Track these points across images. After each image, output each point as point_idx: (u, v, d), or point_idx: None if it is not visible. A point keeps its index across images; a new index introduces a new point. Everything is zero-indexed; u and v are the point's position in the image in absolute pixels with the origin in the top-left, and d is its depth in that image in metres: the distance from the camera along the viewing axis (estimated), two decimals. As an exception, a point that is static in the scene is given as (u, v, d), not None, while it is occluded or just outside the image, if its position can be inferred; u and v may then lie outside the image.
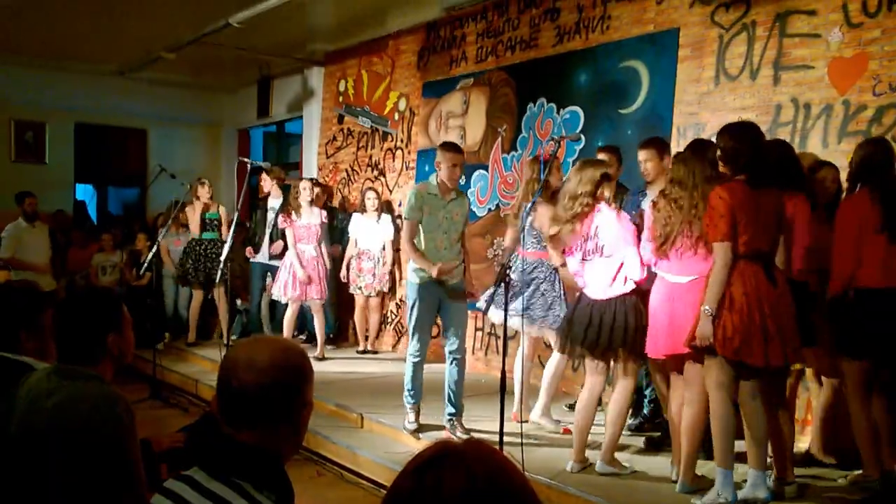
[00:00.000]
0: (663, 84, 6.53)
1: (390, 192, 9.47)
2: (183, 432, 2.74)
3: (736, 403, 4.23)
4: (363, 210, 8.83)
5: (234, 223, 7.86)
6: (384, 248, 8.80)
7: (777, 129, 5.70)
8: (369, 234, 8.76)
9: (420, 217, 5.50)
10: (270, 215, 8.93)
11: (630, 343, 4.63)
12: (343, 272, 8.89)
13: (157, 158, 12.65)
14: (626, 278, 4.64)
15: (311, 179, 9.12)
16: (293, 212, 8.21)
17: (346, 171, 10.31)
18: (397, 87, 9.61)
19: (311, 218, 8.29)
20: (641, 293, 4.65)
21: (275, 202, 8.96)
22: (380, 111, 9.87)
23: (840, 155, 5.12)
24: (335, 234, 9.27)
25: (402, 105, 9.51)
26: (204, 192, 8.93)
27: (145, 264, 8.96)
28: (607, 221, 4.67)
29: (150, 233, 10.22)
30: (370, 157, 9.94)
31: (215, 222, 8.93)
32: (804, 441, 5.20)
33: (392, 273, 8.98)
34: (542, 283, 5.74)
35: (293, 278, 8.15)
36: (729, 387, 4.17)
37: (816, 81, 5.54)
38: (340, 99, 10.58)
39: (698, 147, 4.48)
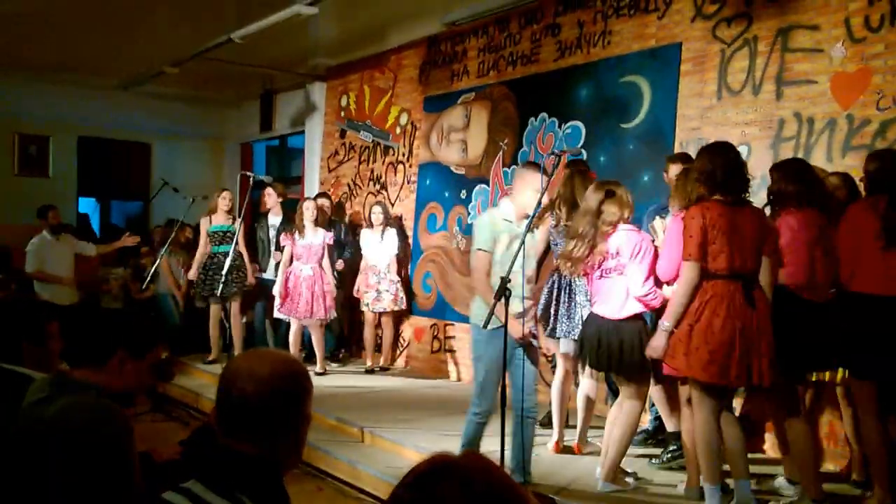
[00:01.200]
0: (665, 99, 6.48)
1: (392, 205, 9.42)
2: (182, 445, 2.71)
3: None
4: (370, 225, 8.74)
5: (236, 237, 7.90)
6: (389, 264, 8.64)
7: (780, 144, 5.65)
8: (375, 249, 8.60)
9: (492, 248, 4.67)
10: (272, 232, 8.85)
11: (639, 365, 4.55)
12: (356, 287, 8.72)
13: (161, 172, 12.65)
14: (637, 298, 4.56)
15: (317, 195, 9.05)
16: (297, 231, 8.10)
17: (349, 184, 10.26)
18: (399, 102, 9.58)
19: (313, 238, 8.17)
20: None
21: (275, 219, 8.89)
22: (381, 125, 9.84)
23: (844, 170, 5.05)
24: (337, 248, 9.14)
25: (404, 119, 9.47)
26: (224, 204, 8.63)
27: (148, 278, 8.94)
28: (628, 240, 4.58)
29: (151, 246, 10.16)
30: (372, 171, 9.90)
31: (229, 234, 8.50)
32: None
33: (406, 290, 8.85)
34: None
35: (294, 295, 8.06)
36: (711, 405, 4.14)
37: (819, 96, 5.50)
38: (342, 113, 10.55)
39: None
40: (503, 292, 4.22)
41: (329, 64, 10.76)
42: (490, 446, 4.48)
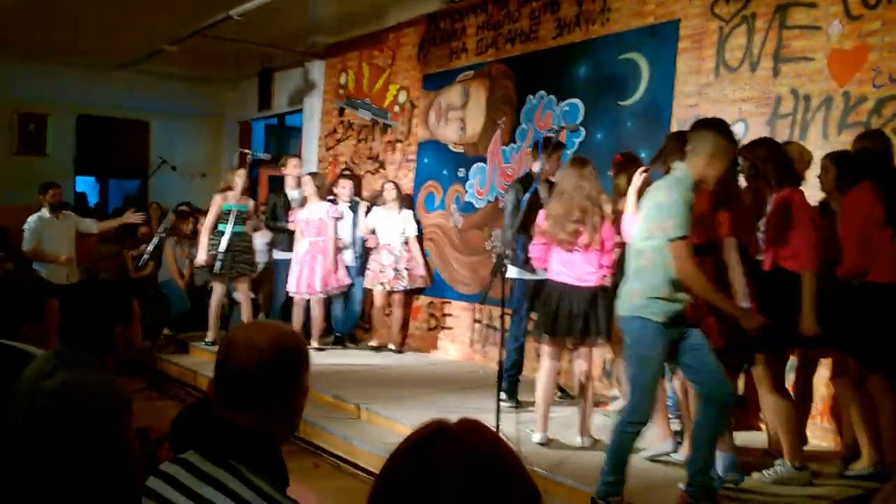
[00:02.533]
0: (663, 76, 6.46)
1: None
2: (173, 423, 2.75)
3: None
4: (382, 202, 8.52)
5: (231, 219, 7.88)
6: (406, 243, 8.40)
7: (777, 121, 5.65)
8: (389, 227, 8.37)
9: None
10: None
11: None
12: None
13: (159, 151, 12.67)
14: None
15: (311, 174, 8.92)
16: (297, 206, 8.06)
17: (346, 163, 10.25)
18: (397, 80, 9.55)
19: (314, 212, 8.08)
20: None
21: (294, 193, 8.70)
22: (380, 103, 9.81)
23: (840, 146, 5.04)
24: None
25: (402, 97, 9.45)
26: (240, 183, 8.28)
27: (146, 255, 8.94)
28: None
29: (148, 224, 10.17)
30: (370, 150, 9.88)
31: (244, 215, 8.25)
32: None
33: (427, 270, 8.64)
34: None
35: (304, 272, 8.02)
36: None
37: (816, 73, 5.48)
38: (341, 91, 10.53)
39: None
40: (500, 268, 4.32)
41: (328, 42, 10.71)
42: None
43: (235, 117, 13.50)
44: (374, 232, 8.43)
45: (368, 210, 8.61)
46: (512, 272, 6.08)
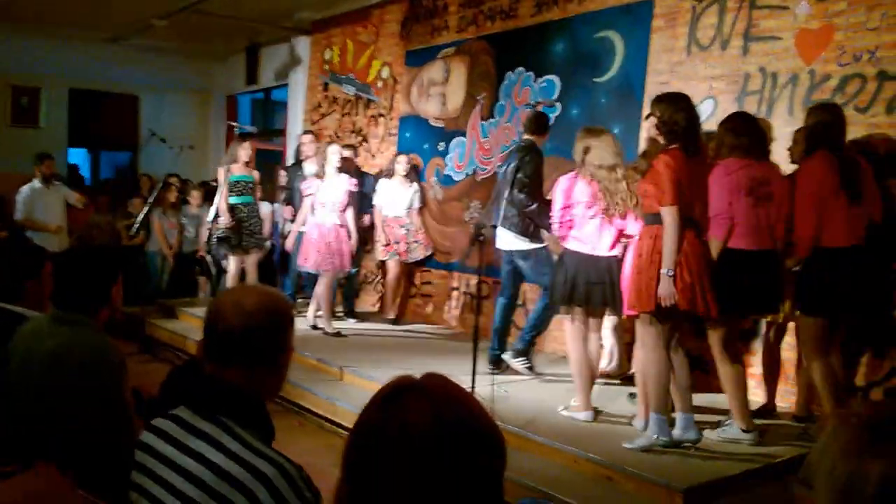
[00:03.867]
0: (637, 54, 6.44)
1: (373, 157, 9.36)
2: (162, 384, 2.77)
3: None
4: (390, 175, 8.23)
5: (219, 189, 7.77)
6: (410, 215, 8.17)
7: (745, 98, 5.65)
8: (398, 200, 8.09)
9: None
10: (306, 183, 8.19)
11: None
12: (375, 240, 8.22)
13: (149, 123, 12.59)
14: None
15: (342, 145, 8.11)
16: (318, 178, 7.37)
17: (331, 137, 10.17)
18: (381, 56, 9.46)
19: (336, 185, 7.34)
20: None
21: (312, 168, 8.12)
22: (364, 79, 9.73)
23: (804, 123, 5.05)
24: (362, 201, 8.31)
25: (386, 73, 9.37)
26: (244, 155, 7.88)
27: (136, 224, 8.89)
28: None
29: (140, 194, 10.11)
30: (354, 124, 9.82)
31: (250, 185, 7.92)
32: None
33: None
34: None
35: (318, 247, 7.29)
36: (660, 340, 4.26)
37: (784, 52, 5.48)
38: (326, 67, 10.43)
39: None
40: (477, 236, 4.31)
41: (313, 18, 10.59)
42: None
43: (223, 91, 13.38)
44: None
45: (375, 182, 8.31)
46: (512, 241, 5.83)
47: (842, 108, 4.71)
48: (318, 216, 7.31)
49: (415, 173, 8.42)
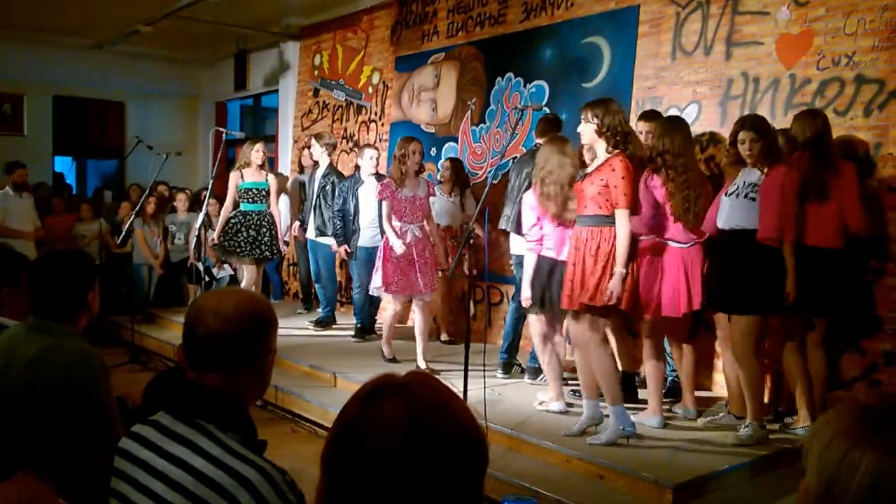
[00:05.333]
0: (624, 59, 6.75)
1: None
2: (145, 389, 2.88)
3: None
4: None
5: (207, 195, 7.89)
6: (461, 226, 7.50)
7: (728, 102, 5.96)
8: (446, 210, 7.47)
9: None
10: (318, 187, 8.15)
11: None
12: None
13: (135, 131, 12.62)
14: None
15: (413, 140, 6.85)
16: (395, 181, 6.40)
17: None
18: (371, 61, 9.76)
19: (416, 189, 6.46)
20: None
21: (328, 171, 8.13)
22: (354, 84, 10.02)
23: (786, 126, 5.35)
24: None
25: (376, 78, 9.66)
26: (258, 158, 7.60)
27: (124, 232, 9.07)
28: None
29: (129, 201, 10.32)
30: (345, 130, 10.09)
31: (263, 192, 7.66)
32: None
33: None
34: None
35: (400, 265, 6.33)
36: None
37: (765, 56, 5.80)
38: (316, 72, 10.71)
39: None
40: (468, 240, 4.64)
41: (302, 23, 10.87)
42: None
43: (211, 97, 13.59)
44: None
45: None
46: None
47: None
48: (401, 227, 6.41)
49: (464, 179, 7.77)
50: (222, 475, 1.64)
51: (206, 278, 8.75)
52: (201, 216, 7.48)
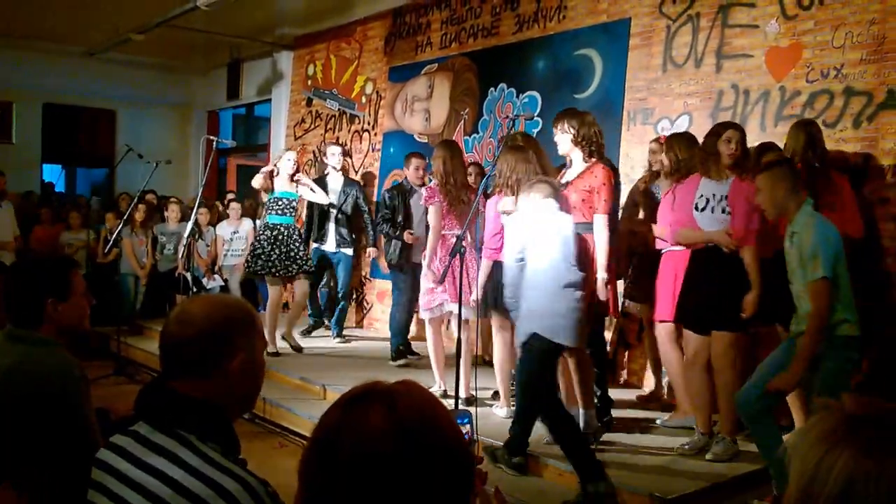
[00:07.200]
0: (615, 71, 6.92)
1: (356, 172, 9.77)
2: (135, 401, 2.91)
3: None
4: None
5: (197, 205, 7.93)
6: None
7: (719, 114, 6.11)
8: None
9: None
10: (333, 198, 8.12)
11: None
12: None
13: (126, 139, 12.69)
14: None
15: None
16: (444, 190, 6.09)
17: (314, 152, 10.60)
18: (364, 72, 9.92)
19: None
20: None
21: (338, 184, 8.13)
22: (347, 94, 10.18)
23: (776, 137, 5.50)
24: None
25: (369, 88, 9.83)
26: (288, 167, 7.50)
27: (111, 242, 9.14)
28: None
29: (117, 211, 10.39)
30: (338, 139, 10.21)
31: (293, 203, 7.55)
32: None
33: None
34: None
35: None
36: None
37: (755, 69, 5.97)
38: (309, 82, 10.87)
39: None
40: (458, 249, 4.84)
41: (296, 33, 11.05)
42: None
43: (204, 106, 13.71)
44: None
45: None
46: None
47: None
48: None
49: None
50: (201, 486, 1.62)
51: (195, 289, 8.81)
52: (190, 225, 7.48)
